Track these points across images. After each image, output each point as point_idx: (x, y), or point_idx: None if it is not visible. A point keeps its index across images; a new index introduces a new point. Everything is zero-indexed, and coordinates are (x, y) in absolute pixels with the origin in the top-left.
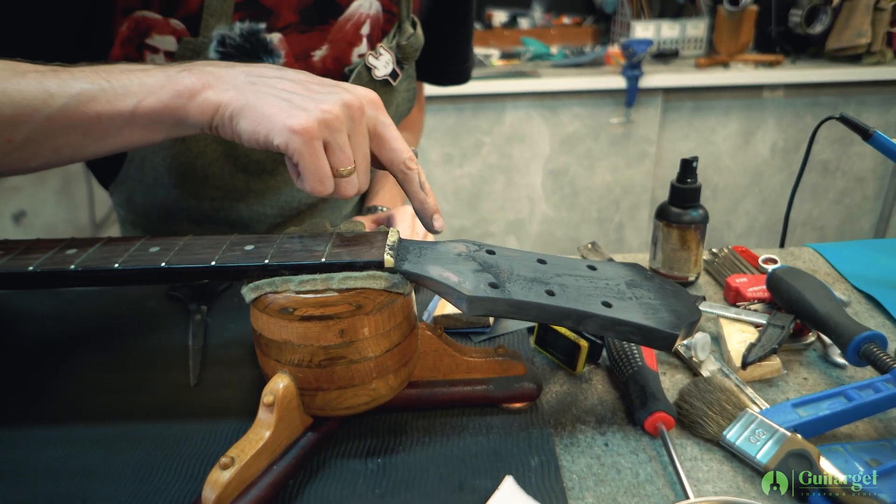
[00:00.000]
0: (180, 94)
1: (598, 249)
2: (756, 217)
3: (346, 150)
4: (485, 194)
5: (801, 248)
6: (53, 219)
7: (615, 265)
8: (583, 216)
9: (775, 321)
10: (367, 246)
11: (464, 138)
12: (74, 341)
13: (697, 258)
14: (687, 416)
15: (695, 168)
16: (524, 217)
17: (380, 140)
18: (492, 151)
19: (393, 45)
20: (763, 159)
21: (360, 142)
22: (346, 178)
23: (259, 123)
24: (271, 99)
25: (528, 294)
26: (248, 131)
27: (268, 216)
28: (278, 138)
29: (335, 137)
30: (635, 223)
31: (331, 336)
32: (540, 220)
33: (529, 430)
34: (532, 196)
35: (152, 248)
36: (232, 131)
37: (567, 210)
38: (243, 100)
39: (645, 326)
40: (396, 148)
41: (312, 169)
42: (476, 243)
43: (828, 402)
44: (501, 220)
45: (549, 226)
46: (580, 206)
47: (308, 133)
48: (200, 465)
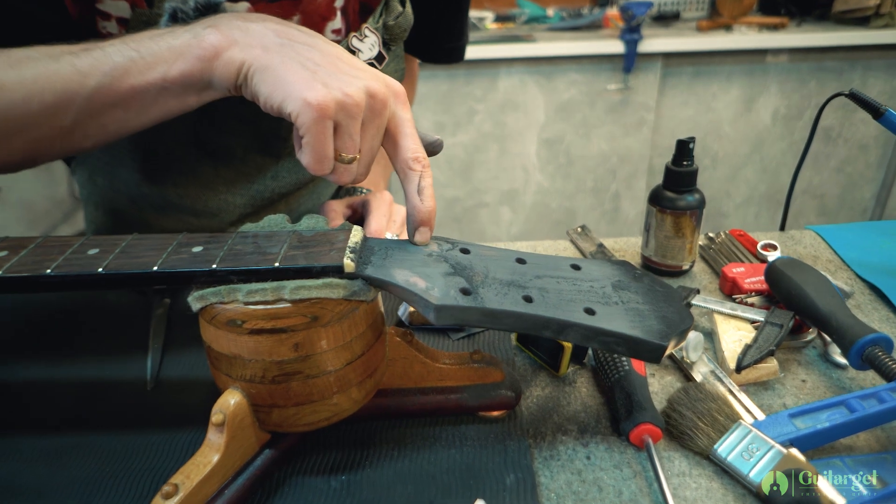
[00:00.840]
0: (205, 54)
1: (587, 234)
2: (756, 186)
3: (355, 138)
4: (478, 164)
5: (803, 232)
6: (31, 194)
7: (601, 264)
8: (578, 186)
9: (773, 319)
10: (326, 247)
11: (456, 106)
12: (21, 339)
13: (692, 246)
14: (676, 426)
15: (692, 149)
16: (518, 187)
17: (393, 135)
18: (485, 119)
19: (379, 26)
20: (764, 126)
21: (373, 134)
22: (347, 164)
23: (277, 88)
24: (295, 65)
25: (503, 301)
26: (265, 94)
27: (237, 206)
28: (291, 106)
29: (348, 123)
30: (632, 193)
31: (284, 350)
32: (534, 191)
33: (506, 441)
34: (526, 165)
35: (91, 251)
36: (251, 91)
37: (562, 180)
38: (267, 60)
39: (631, 337)
40: (406, 146)
41: (315, 146)
42: (450, 241)
43: (827, 413)
44: (495, 190)
45: (544, 196)
46: (575, 176)
47: (322, 110)
48: (151, 482)
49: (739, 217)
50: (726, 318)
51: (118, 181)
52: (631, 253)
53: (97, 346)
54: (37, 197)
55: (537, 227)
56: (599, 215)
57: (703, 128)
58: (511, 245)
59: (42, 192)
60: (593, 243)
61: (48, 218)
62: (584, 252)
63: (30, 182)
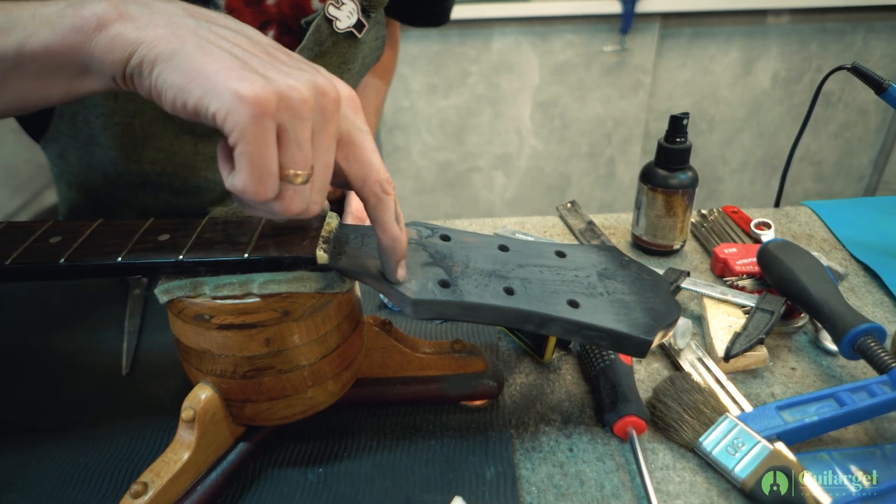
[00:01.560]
0: (83, 25)
1: (577, 209)
2: (752, 151)
3: (305, 148)
4: (471, 127)
5: (798, 209)
6: (13, 159)
7: (587, 250)
8: (573, 150)
9: (764, 305)
10: (299, 236)
11: (449, 67)
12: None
13: (684, 225)
14: (661, 418)
15: (685, 126)
16: (512, 151)
17: (352, 150)
18: (479, 81)
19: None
20: (763, 90)
21: (326, 146)
22: (296, 186)
23: (193, 79)
24: (217, 52)
25: (483, 293)
26: (176, 87)
27: (219, 183)
28: (216, 104)
29: (295, 126)
30: (627, 157)
31: (255, 346)
32: (528, 155)
33: (487, 432)
34: (520, 129)
35: (53, 239)
36: (151, 85)
37: (557, 144)
38: (177, 43)
39: (615, 332)
40: (372, 163)
41: (254, 158)
42: (429, 227)
43: (816, 406)
44: (488, 154)
45: (538, 160)
46: (570, 140)
47: (261, 106)
48: (125, 474)
49: (734, 183)
50: (716, 303)
51: (92, 159)
52: (622, 231)
53: (70, 327)
54: (18, 161)
55: (531, 192)
56: (594, 180)
57: (701, 91)
58: (500, 221)
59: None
60: (583, 220)
61: (32, 184)
62: (574, 229)
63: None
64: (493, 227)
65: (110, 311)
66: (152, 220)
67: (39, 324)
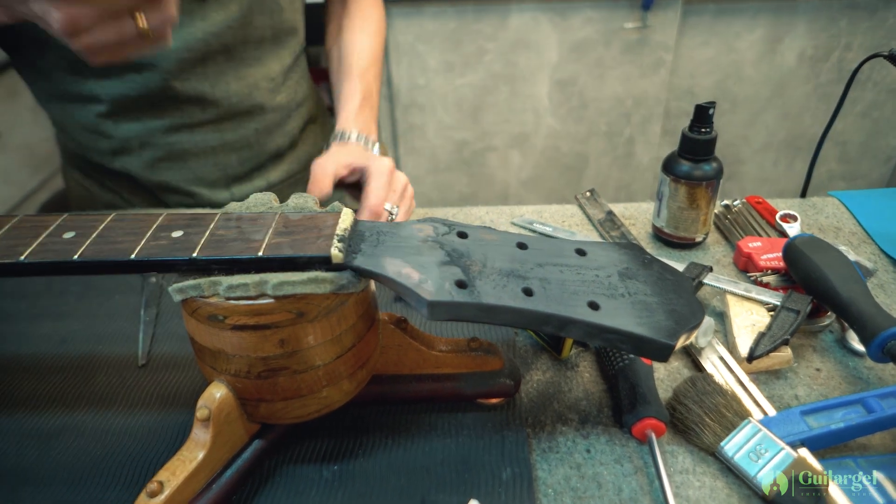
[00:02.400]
0: None
1: (596, 199)
2: (776, 132)
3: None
4: (487, 105)
5: (825, 199)
6: (31, 137)
7: (608, 248)
8: (591, 129)
9: (790, 304)
10: (313, 234)
11: (465, 44)
12: (6, 309)
13: (707, 218)
14: (681, 420)
15: (711, 115)
16: (529, 130)
17: None
18: (495, 59)
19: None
20: (789, 69)
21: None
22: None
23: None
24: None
25: (501, 294)
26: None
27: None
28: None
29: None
30: (646, 138)
31: (269, 346)
32: (545, 134)
33: (504, 432)
34: (537, 108)
35: (67, 234)
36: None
37: (574, 123)
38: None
39: (636, 335)
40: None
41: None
42: (447, 223)
43: (843, 412)
44: (505, 133)
45: (555, 140)
46: (588, 119)
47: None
48: (141, 469)
49: (756, 164)
50: (739, 300)
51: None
52: (642, 221)
53: (87, 316)
54: (35, 140)
55: (547, 172)
56: (612, 160)
57: (724, 69)
58: (518, 209)
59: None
60: (602, 209)
61: (50, 163)
62: (593, 219)
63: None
64: (511, 215)
65: (126, 299)
66: (165, 215)
67: (56, 312)
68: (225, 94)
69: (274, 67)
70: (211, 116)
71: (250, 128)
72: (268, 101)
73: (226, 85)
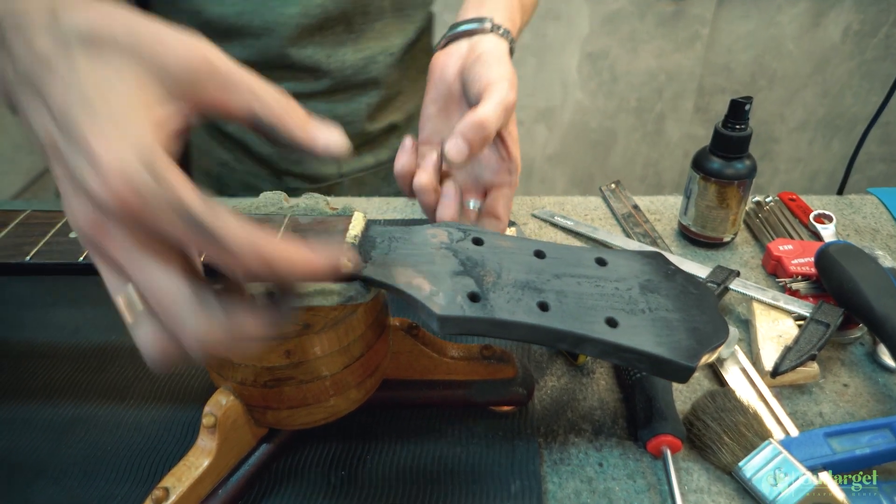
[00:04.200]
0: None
1: (622, 190)
2: (814, 110)
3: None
4: None
5: (863, 198)
6: None
7: (630, 257)
8: (620, 105)
9: (819, 316)
10: (322, 240)
11: None
12: (22, 297)
13: (737, 218)
14: (698, 437)
15: (747, 111)
16: (556, 105)
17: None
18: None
19: None
20: (832, 44)
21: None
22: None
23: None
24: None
25: (515, 309)
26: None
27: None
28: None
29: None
30: (677, 115)
31: (275, 357)
32: (573, 109)
33: (515, 441)
34: (566, 81)
35: (73, 234)
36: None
37: (604, 98)
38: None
39: (654, 356)
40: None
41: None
42: (461, 228)
43: (869, 436)
44: (531, 107)
45: (583, 115)
46: (618, 94)
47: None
48: (151, 465)
49: (791, 143)
50: (766, 309)
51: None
52: (668, 217)
53: (101, 303)
54: None
55: (574, 149)
56: (640, 137)
57: (763, 44)
58: (539, 200)
59: None
60: (627, 204)
61: None
62: (617, 213)
63: None
64: (532, 206)
65: None
66: None
67: (72, 298)
68: (340, 65)
69: (395, 41)
70: (323, 87)
71: (362, 101)
72: (383, 76)
73: (342, 56)
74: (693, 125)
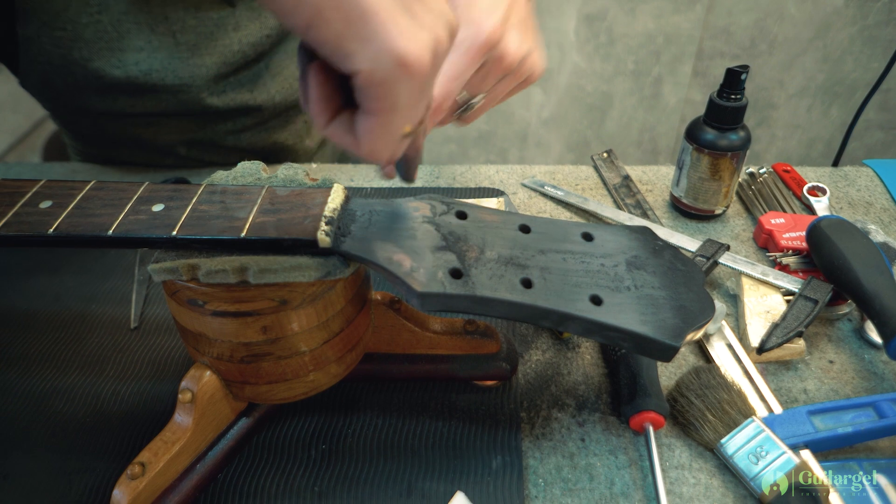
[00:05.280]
0: None
1: (613, 160)
2: (814, 76)
3: (423, 105)
4: None
5: (858, 170)
6: None
7: (617, 232)
8: (617, 68)
9: (808, 292)
10: (300, 213)
11: None
12: (2, 262)
13: (729, 190)
14: (682, 413)
15: (744, 80)
16: (552, 67)
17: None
18: None
19: None
20: (834, 8)
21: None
22: (403, 140)
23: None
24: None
25: (497, 285)
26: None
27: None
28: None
29: (428, 86)
30: (675, 78)
31: (251, 333)
32: (570, 72)
33: (497, 415)
34: (562, 43)
35: (43, 204)
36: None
37: (601, 61)
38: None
39: (639, 335)
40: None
41: (390, 127)
42: (444, 201)
43: (852, 415)
44: None
45: (580, 78)
46: (615, 57)
47: (422, 74)
48: (131, 438)
49: (790, 109)
50: (755, 283)
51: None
52: (659, 188)
53: (80, 272)
54: None
55: (570, 112)
56: (637, 101)
57: (764, 7)
58: (529, 169)
59: None
60: (619, 174)
61: None
62: (608, 183)
63: None
64: (521, 175)
65: (121, 254)
66: (146, 185)
67: (51, 266)
68: (266, 97)
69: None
70: (256, 120)
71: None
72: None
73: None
74: (691, 90)
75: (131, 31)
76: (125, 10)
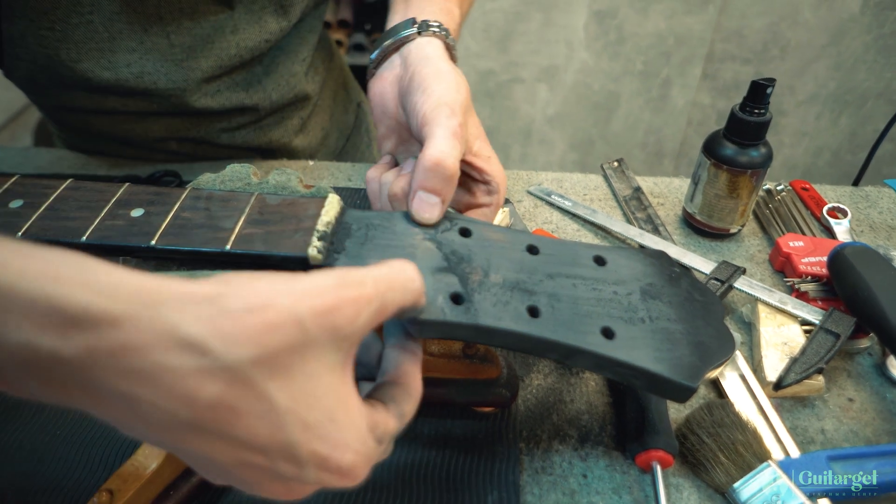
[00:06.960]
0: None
1: (624, 170)
2: (825, 83)
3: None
4: (518, 34)
5: (880, 190)
6: None
7: (631, 257)
8: (626, 67)
9: (830, 325)
10: (291, 225)
11: None
12: None
13: (746, 209)
14: (692, 452)
15: (769, 94)
16: (559, 64)
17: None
18: None
19: None
20: (851, 15)
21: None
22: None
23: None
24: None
25: (501, 313)
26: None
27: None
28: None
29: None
30: (684, 80)
31: None
32: (577, 69)
33: (495, 446)
34: (571, 40)
35: (14, 203)
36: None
37: (609, 59)
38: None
39: (652, 373)
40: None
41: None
42: (448, 216)
43: (875, 463)
44: (533, 65)
45: (587, 76)
46: (624, 56)
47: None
48: (104, 453)
49: (798, 116)
50: (772, 312)
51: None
52: (672, 201)
53: None
54: None
55: (575, 110)
56: (644, 102)
57: (779, 11)
58: (536, 176)
59: None
60: (629, 185)
61: None
62: (618, 194)
63: None
64: (528, 182)
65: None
66: (126, 187)
67: None
68: (262, 95)
69: (302, 51)
70: (252, 118)
71: (294, 116)
72: (309, 87)
73: (262, 87)
74: (700, 93)
75: (123, 32)
76: (118, 9)
